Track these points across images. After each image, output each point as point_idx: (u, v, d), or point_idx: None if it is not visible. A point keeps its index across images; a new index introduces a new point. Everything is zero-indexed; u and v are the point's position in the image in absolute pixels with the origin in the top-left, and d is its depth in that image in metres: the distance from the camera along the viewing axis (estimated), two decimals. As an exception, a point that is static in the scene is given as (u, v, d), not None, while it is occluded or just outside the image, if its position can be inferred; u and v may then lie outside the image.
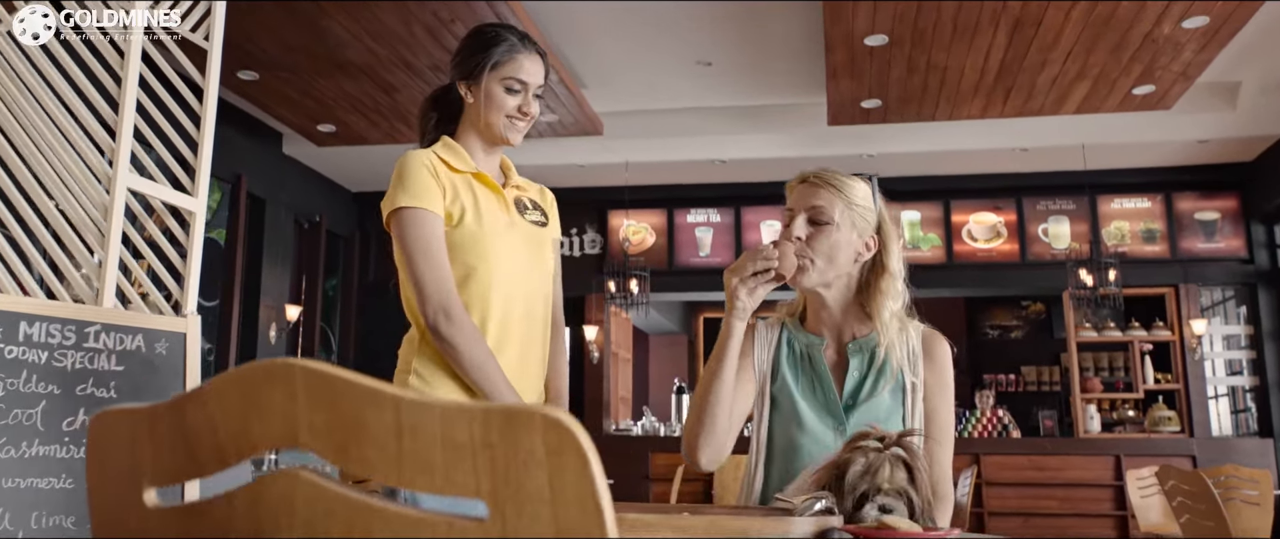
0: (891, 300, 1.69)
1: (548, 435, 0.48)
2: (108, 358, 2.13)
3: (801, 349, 1.75)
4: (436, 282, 1.76)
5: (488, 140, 1.93)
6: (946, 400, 1.70)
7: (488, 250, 1.82)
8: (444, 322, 1.74)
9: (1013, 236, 7.78)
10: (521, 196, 1.98)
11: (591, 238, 8.56)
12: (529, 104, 1.91)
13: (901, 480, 1.23)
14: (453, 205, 1.83)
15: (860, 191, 1.71)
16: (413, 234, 1.78)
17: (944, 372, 1.70)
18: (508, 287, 1.83)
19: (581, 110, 6.41)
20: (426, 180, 1.81)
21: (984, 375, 9.58)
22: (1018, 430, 7.60)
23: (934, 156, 7.36)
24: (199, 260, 2.58)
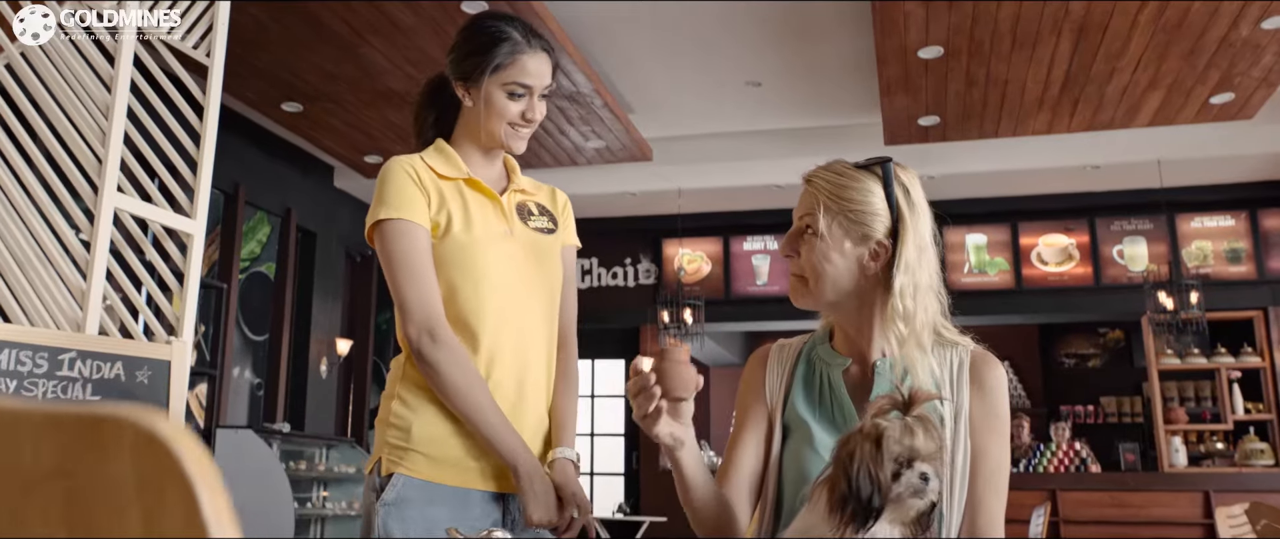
0: (899, 322, 1.38)
1: (141, 458, 0.30)
2: (82, 387, 2.01)
3: (822, 370, 1.50)
4: (420, 299, 1.59)
5: (485, 145, 1.74)
6: (999, 437, 1.40)
7: (478, 263, 1.64)
8: (428, 343, 1.58)
9: (1086, 259, 7.40)
10: (526, 201, 1.78)
11: (646, 268, 8.40)
12: (533, 109, 1.71)
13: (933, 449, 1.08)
14: (438, 214, 1.65)
15: (856, 188, 1.42)
16: (394, 248, 1.61)
17: (995, 401, 1.40)
18: (502, 303, 1.65)
19: (629, 136, 6.27)
20: (408, 188, 1.64)
21: (1060, 407, 9.13)
22: (1097, 465, 7.17)
23: (999, 176, 7.05)
24: (196, 285, 2.47)
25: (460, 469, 1.59)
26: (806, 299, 1.45)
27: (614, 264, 8.47)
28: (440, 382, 1.57)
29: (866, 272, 1.42)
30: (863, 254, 1.42)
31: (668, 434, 1.30)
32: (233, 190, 6.27)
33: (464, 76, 1.72)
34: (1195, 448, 7.25)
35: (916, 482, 1.05)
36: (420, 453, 1.58)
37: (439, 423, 1.60)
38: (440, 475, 1.58)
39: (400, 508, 1.55)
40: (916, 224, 1.42)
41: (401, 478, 1.57)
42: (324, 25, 4.63)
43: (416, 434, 1.59)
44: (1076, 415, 9.01)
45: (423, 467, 1.57)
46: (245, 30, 4.64)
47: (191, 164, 2.54)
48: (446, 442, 1.59)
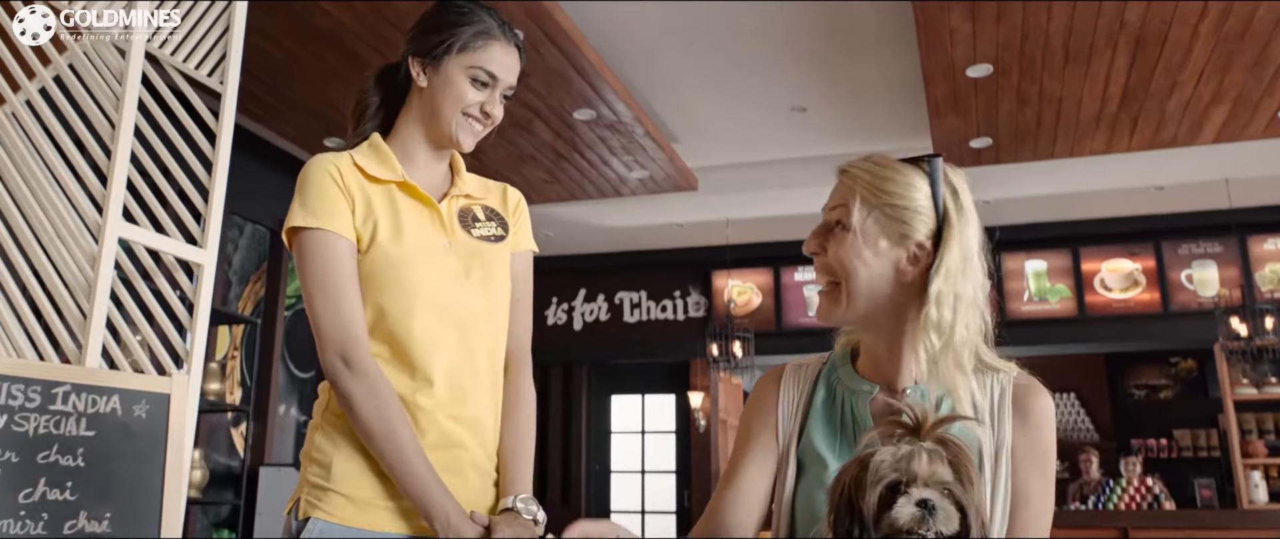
0: (933, 333, 1.20)
1: None
2: (76, 422, 1.93)
3: (844, 398, 1.30)
4: (336, 320, 1.42)
5: (433, 139, 1.58)
6: (1043, 476, 1.22)
7: (409, 280, 1.47)
8: (341, 371, 1.41)
9: (1152, 285, 7.09)
10: (470, 206, 1.61)
11: (695, 300, 8.27)
12: (494, 104, 1.57)
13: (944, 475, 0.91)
14: (363, 224, 1.48)
15: (897, 181, 1.24)
16: (310, 263, 1.44)
17: (1041, 435, 1.22)
18: (438, 326, 1.47)
19: (673, 165, 6.17)
20: (329, 192, 1.47)
21: (1131, 440, 8.74)
22: (1171, 502, 6.81)
23: (1058, 200, 6.80)
24: (206, 317, 2.40)
25: (382, 511, 1.42)
26: (837, 310, 1.26)
27: (663, 297, 8.35)
28: (353, 415, 1.41)
29: (903, 278, 1.24)
30: (900, 257, 1.24)
31: None
32: (278, 227, 6.30)
33: (423, 52, 1.56)
34: (1277, 483, 6.84)
35: (913, 510, 0.89)
36: (340, 494, 1.42)
37: (359, 459, 1.43)
38: (362, 519, 1.41)
39: None
40: (963, 229, 1.24)
41: (318, 523, 1.40)
42: (357, 56, 4.61)
43: (336, 472, 1.43)
44: (1148, 449, 8.61)
45: (342, 509, 1.41)
46: (278, 62, 4.64)
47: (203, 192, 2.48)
48: (367, 480, 1.42)
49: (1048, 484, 1.22)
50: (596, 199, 6.68)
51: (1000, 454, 1.20)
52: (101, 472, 1.94)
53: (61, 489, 1.89)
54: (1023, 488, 1.20)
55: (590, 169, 6.12)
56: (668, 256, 8.22)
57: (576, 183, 6.33)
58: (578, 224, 7.40)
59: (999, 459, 1.20)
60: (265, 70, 4.75)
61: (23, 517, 1.84)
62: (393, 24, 4.28)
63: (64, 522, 1.89)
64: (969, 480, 0.91)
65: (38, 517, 1.86)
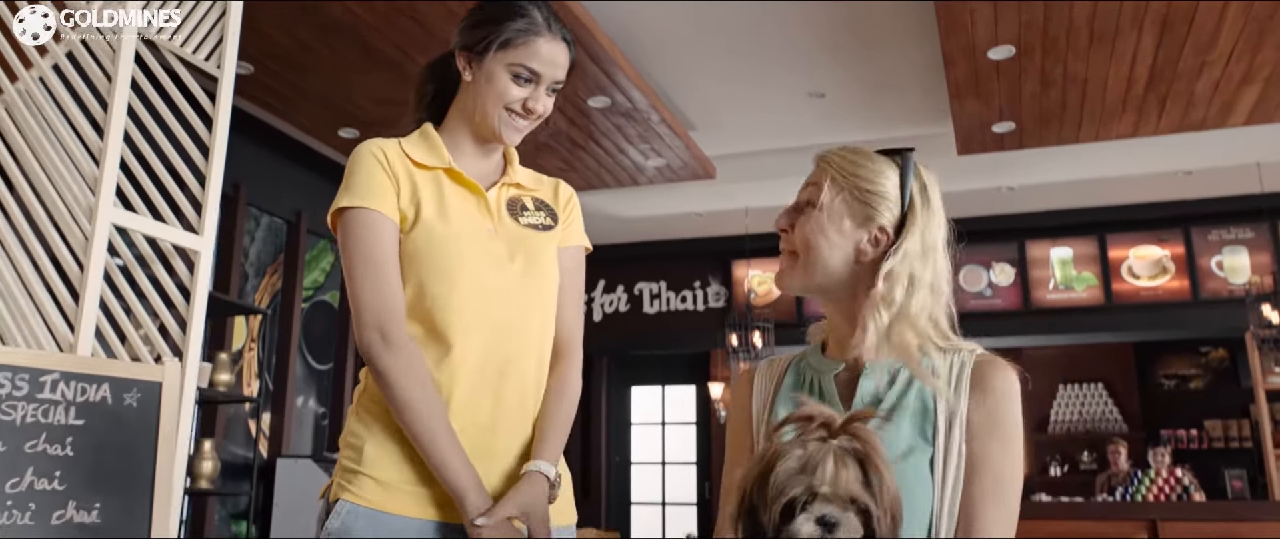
0: (881, 307, 1.24)
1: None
2: (65, 410, 1.90)
3: (811, 378, 1.34)
4: (376, 295, 1.42)
5: (478, 133, 1.57)
6: (1002, 444, 1.22)
7: (451, 261, 1.46)
8: (379, 346, 1.40)
9: (1182, 272, 6.94)
10: (521, 196, 1.60)
11: (715, 290, 8.20)
12: (538, 100, 1.55)
13: (851, 483, 0.86)
14: (408, 205, 1.49)
15: (868, 167, 1.30)
16: (354, 240, 1.45)
17: (1000, 406, 1.24)
18: (480, 306, 1.47)
19: (690, 153, 6.10)
20: (376, 174, 1.48)
21: (1161, 431, 8.59)
22: (1201, 493, 6.67)
23: (1084, 186, 6.66)
24: (203, 305, 2.37)
25: (411, 497, 1.40)
26: (794, 278, 1.31)
27: (682, 287, 8.29)
28: (388, 391, 1.39)
29: (862, 258, 1.29)
30: (862, 238, 1.29)
31: None
32: (294, 218, 6.28)
33: (468, 46, 1.56)
34: (1311, 474, 6.69)
35: (811, 529, 0.85)
36: (370, 477, 1.40)
37: (391, 443, 1.42)
38: (388, 503, 1.39)
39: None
40: (927, 221, 1.29)
41: (346, 506, 1.39)
42: (373, 48, 4.57)
43: (367, 455, 1.42)
44: (1178, 440, 8.46)
45: (370, 492, 1.39)
46: (293, 55, 4.61)
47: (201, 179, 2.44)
48: (398, 464, 1.41)
49: (1008, 452, 1.22)
50: (614, 188, 6.62)
51: (954, 424, 1.22)
52: (91, 461, 1.91)
53: (50, 479, 1.86)
54: (979, 455, 1.21)
55: (607, 157, 6.06)
56: (687, 246, 8.15)
57: (593, 172, 6.27)
58: (596, 214, 7.34)
59: (952, 429, 1.22)
60: (280, 62, 4.72)
61: (10, 507, 1.81)
62: (409, 16, 4.24)
63: (52, 512, 1.86)
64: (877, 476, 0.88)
65: (25, 507, 1.83)
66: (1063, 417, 9.20)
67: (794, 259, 1.31)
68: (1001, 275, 7.32)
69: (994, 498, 1.20)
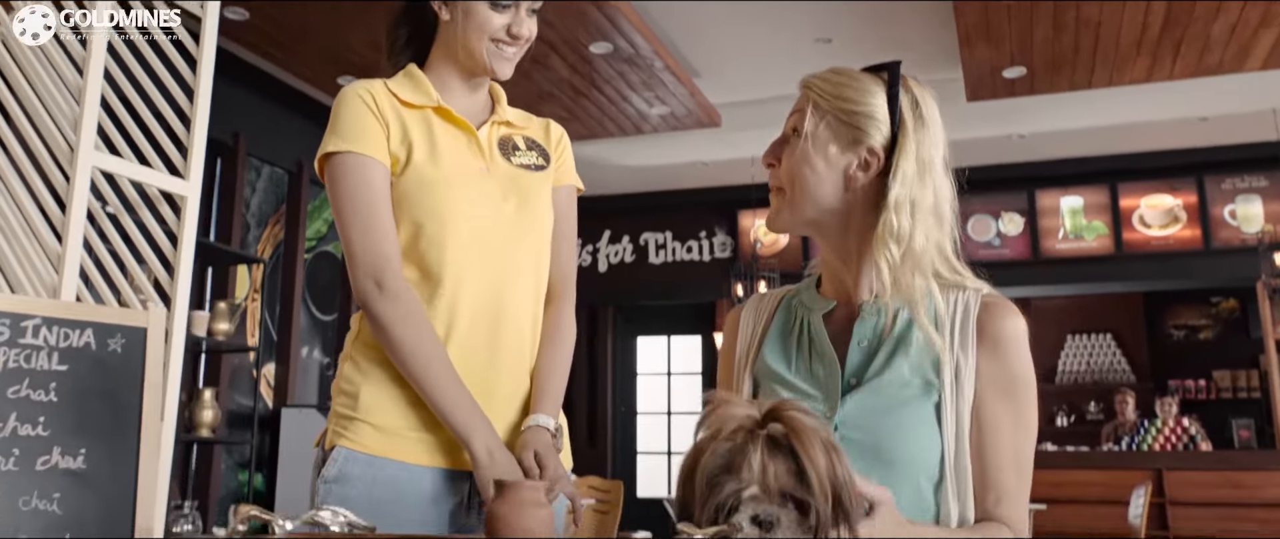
0: (891, 242, 1.15)
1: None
2: (48, 356, 1.86)
3: (802, 316, 1.27)
4: (369, 242, 1.39)
5: (466, 70, 1.52)
6: (1015, 403, 1.15)
7: (443, 202, 1.43)
8: (375, 293, 1.37)
9: (1193, 221, 6.85)
10: (511, 135, 1.56)
11: (721, 240, 8.14)
12: (521, 24, 1.49)
13: (781, 477, 0.80)
14: (399, 146, 1.45)
15: (853, 87, 1.21)
16: (343, 186, 1.41)
17: (1012, 360, 1.16)
18: (473, 249, 1.44)
19: (695, 101, 6.01)
20: (364, 117, 1.44)
21: (1169, 381, 8.55)
22: (1208, 443, 6.65)
23: (1096, 133, 6.55)
24: (191, 251, 2.33)
25: (411, 443, 1.38)
26: (783, 215, 1.23)
27: (688, 237, 8.23)
28: (387, 339, 1.36)
29: (853, 184, 1.20)
30: (851, 162, 1.20)
31: None
32: (296, 169, 6.23)
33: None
34: (1319, 424, 6.66)
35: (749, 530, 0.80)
36: (367, 423, 1.38)
37: (388, 387, 1.39)
38: (389, 449, 1.37)
39: (342, 486, 1.35)
40: (921, 138, 1.19)
41: (343, 452, 1.37)
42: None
43: (364, 401, 1.39)
44: (1186, 391, 8.43)
45: (369, 438, 1.37)
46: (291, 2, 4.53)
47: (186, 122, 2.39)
48: (396, 410, 1.38)
49: (1021, 412, 1.16)
50: (618, 137, 6.54)
51: (961, 376, 1.15)
52: (75, 407, 1.88)
53: (33, 425, 1.83)
54: (991, 417, 1.15)
55: (610, 105, 5.97)
56: (692, 196, 8.08)
57: (596, 120, 6.19)
58: (600, 164, 7.27)
59: (959, 381, 1.15)
60: (279, 10, 4.65)
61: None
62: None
63: (37, 457, 1.83)
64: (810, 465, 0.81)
65: (9, 452, 1.80)
66: (1070, 367, 9.16)
67: (782, 195, 1.23)
68: (1010, 225, 7.24)
69: (1013, 465, 1.14)
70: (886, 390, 1.15)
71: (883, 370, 1.17)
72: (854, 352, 1.20)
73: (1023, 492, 1.14)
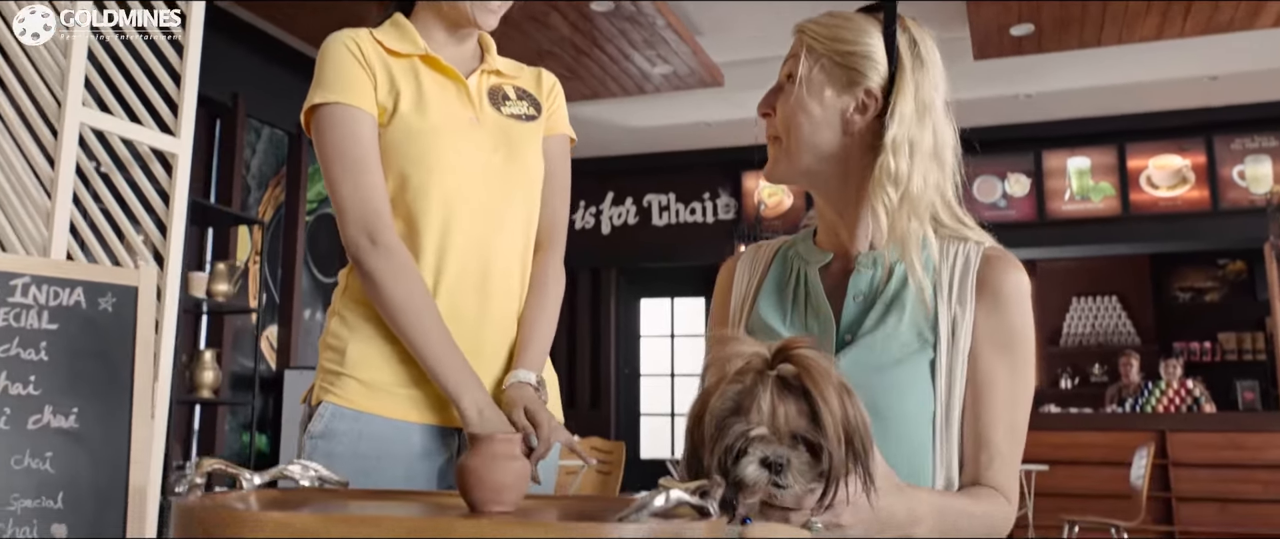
0: (889, 186, 1.12)
1: None
2: (37, 315, 1.85)
3: (798, 268, 1.24)
4: (358, 195, 1.36)
5: (450, 21, 1.48)
6: (1013, 359, 1.12)
7: (433, 153, 1.40)
8: (366, 247, 1.35)
9: (1202, 182, 6.79)
10: (501, 85, 1.53)
11: (725, 202, 8.09)
12: None
13: (793, 419, 0.77)
14: (386, 96, 1.41)
15: (847, 28, 1.17)
16: (330, 138, 1.38)
17: (1012, 315, 1.13)
18: (462, 201, 1.41)
19: (697, 60, 5.94)
20: (350, 67, 1.40)
21: (1174, 343, 8.53)
22: (1212, 405, 6.64)
23: (1104, 93, 6.47)
24: (183, 210, 2.30)
25: (398, 399, 1.36)
26: (780, 165, 1.19)
27: (692, 199, 8.18)
28: (377, 293, 1.34)
29: (851, 128, 1.16)
30: (848, 105, 1.16)
31: None
32: (296, 130, 6.19)
33: None
34: (1324, 386, 6.65)
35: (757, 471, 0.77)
36: (354, 378, 1.36)
37: (376, 343, 1.37)
38: (375, 404, 1.35)
39: (328, 442, 1.33)
40: (920, 79, 1.15)
41: (329, 408, 1.35)
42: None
43: (351, 356, 1.37)
44: (1191, 353, 8.41)
45: (355, 394, 1.35)
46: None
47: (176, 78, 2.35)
48: (384, 365, 1.36)
49: (1019, 369, 1.13)
50: (620, 98, 6.48)
51: (958, 331, 1.13)
52: (66, 366, 1.87)
53: (24, 383, 1.82)
54: (987, 373, 1.12)
55: (611, 64, 5.91)
56: (696, 157, 8.02)
57: (598, 80, 6.13)
58: (603, 125, 7.22)
59: (956, 336, 1.12)
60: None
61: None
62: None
63: (28, 416, 1.82)
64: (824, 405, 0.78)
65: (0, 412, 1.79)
66: (1075, 330, 9.14)
67: (779, 144, 1.20)
68: (1016, 186, 7.18)
69: (1005, 424, 1.11)
70: (881, 347, 1.12)
71: (877, 326, 1.14)
72: (849, 306, 1.17)
73: (1014, 455, 1.11)
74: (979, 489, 1.08)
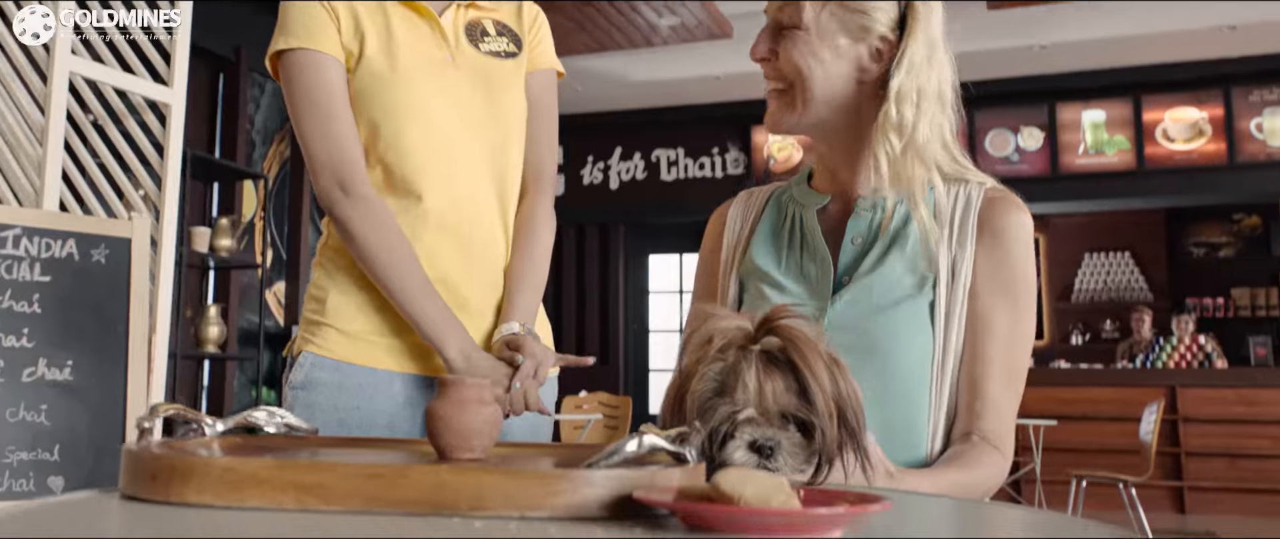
0: (892, 134, 1.09)
1: None
2: (30, 267, 1.83)
3: (794, 212, 1.21)
4: (328, 144, 1.30)
5: None
6: (1013, 303, 1.09)
7: (405, 97, 1.33)
8: (340, 198, 1.29)
9: (1218, 135, 6.68)
10: (480, 19, 1.44)
11: (734, 156, 8.02)
12: None
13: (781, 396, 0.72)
14: (350, 39, 1.34)
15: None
16: (297, 86, 1.32)
17: (1013, 256, 1.10)
18: (439, 146, 1.34)
19: (705, 10, 5.85)
20: (312, 10, 1.34)
21: (1186, 299, 8.46)
22: (1224, 360, 6.59)
23: (1120, 43, 6.36)
24: (178, 161, 2.28)
25: (379, 348, 1.32)
26: (788, 114, 1.14)
27: (701, 154, 8.11)
28: (353, 244, 1.29)
29: (865, 77, 1.12)
30: (862, 54, 1.12)
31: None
32: (301, 84, 6.15)
33: None
34: (1338, 341, 6.59)
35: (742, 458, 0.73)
36: (333, 327, 1.32)
37: (355, 292, 1.33)
38: (355, 354, 1.31)
39: (309, 392, 1.30)
40: (929, 16, 1.11)
41: (309, 357, 1.31)
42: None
43: (330, 305, 1.33)
44: (1204, 309, 8.34)
45: (335, 343, 1.31)
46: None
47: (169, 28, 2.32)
48: (362, 314, 1.32)
49: (1018, 313, 1.10)
50: (627, 50, 6.40)
51: (958, 272, 1.10)
52: (60, 319, 1.86)
53: (17, 336, 1.81)
54: (985, 314, 1.09)
55: (618, 16, 5.82)
56: (705, 111, 7.94)
57: (604, 31, 6.05)
58: (610, 78, 7.14)
59: (956, 278, 1.10)
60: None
61: (-25, 364, 1.76)
62: None
63: (22, 369, 1.81)
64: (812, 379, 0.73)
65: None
66: (1087, 286, 9.07)
67: (785, 93, 1.14)
68: (1029, 140, 7.09)
69: (1001, 369, 1.09)
70: (879, 289, 1.10)
71: (875, 268, 1.11)
72: (847, 249, 1.15)
73: (1010, 404, 1.09)
74: (970, 449, 1.05)
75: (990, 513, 0.80)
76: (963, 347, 1.08)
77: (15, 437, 1.79)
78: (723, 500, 0.49)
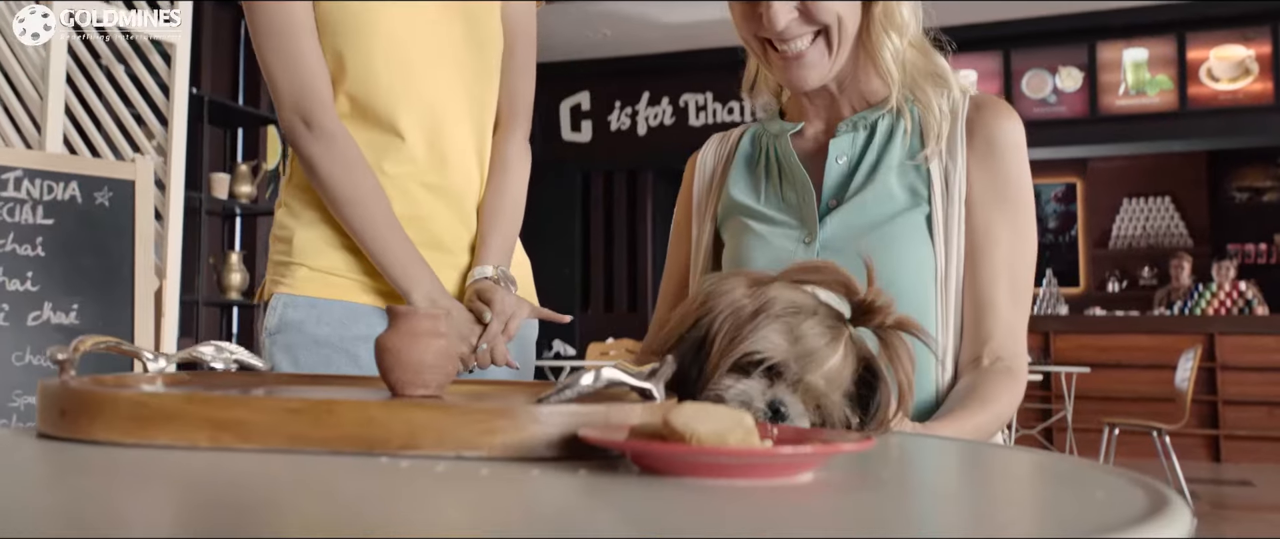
0: (894, 34, 1.06)
1: None
2: (32, 209, 1.81)
3: (767, 143, 1.19)
4: (290, 76, 1.24)
5: None
6: (1014, 214, 1.06)
7: (372, 26, 1.26)
8: (303, 133, 1.24)
9: (1266, 73, 6.44)
10: None
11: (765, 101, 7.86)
12: None
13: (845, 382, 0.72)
14: None
15: None
16: (260, 15, 1.24)
17: (1008, 166, 1.07)
18: (408, 78, 1.28)
19: (732, -49, 5.70)
20: None
21: (1228, 245, 8.26)
22: (1264, 307, 6.44)
23: (1164, -20, 6.13)
24: (184, 101, 2.24)
25: (352, 284, 1.27)
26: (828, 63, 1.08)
27: (730, 98, 7.97)
28: (319, 183, 1.24)
29: None
30: None
31: None
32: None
33: None
34: (1385, 286, 6.41)
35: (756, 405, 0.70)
36: (303, 265, 1.27)
37: (324, 229, 1.28)
38: (327, 290, 1.26)
39: (285, 335, 1.25)
40: None
41: (281, 298, 1.26)
42: None
43: (298, 244, 1.28)
44: (1245, 255, 8.14)
45: (305, 281, 1.26)
46: None
47: (173, -35, 2.27)
48: (333, 251, 1.27)
49: (1020, 224, 1.07)
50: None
51: (950, 183, 1.07)
52: (64, 262, 1.84)
53: (21, 279, 1.80)
54: (984, 228, 1.05)
55: (643, -43, 5.70)
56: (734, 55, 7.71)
57: (630, -27, 5.92)
58: (638, 21, 7.01)
59: (950, 189, 1.06)
60: None
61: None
62: None
63: (28, 313, 1.80)
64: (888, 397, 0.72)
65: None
66: (1125, 231, 8.89)
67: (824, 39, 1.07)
68: (1068, 80, 6.88)
69: (1008, 284, 1.05)
70: (872, 206, 1.07)
71: (866, 184, 1.09)
72: (832, 169, 1.12)
73: (1020, 318, 1.05)
74: (983, 381, 1.00)
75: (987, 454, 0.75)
76: (963, 264, 1.05)
77: (21, 380, 1.78)
78: (675, 439, 0.44)
